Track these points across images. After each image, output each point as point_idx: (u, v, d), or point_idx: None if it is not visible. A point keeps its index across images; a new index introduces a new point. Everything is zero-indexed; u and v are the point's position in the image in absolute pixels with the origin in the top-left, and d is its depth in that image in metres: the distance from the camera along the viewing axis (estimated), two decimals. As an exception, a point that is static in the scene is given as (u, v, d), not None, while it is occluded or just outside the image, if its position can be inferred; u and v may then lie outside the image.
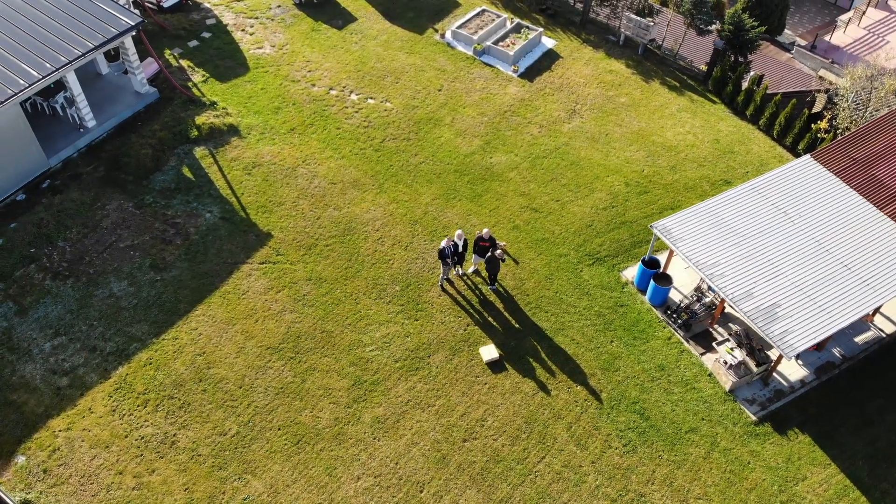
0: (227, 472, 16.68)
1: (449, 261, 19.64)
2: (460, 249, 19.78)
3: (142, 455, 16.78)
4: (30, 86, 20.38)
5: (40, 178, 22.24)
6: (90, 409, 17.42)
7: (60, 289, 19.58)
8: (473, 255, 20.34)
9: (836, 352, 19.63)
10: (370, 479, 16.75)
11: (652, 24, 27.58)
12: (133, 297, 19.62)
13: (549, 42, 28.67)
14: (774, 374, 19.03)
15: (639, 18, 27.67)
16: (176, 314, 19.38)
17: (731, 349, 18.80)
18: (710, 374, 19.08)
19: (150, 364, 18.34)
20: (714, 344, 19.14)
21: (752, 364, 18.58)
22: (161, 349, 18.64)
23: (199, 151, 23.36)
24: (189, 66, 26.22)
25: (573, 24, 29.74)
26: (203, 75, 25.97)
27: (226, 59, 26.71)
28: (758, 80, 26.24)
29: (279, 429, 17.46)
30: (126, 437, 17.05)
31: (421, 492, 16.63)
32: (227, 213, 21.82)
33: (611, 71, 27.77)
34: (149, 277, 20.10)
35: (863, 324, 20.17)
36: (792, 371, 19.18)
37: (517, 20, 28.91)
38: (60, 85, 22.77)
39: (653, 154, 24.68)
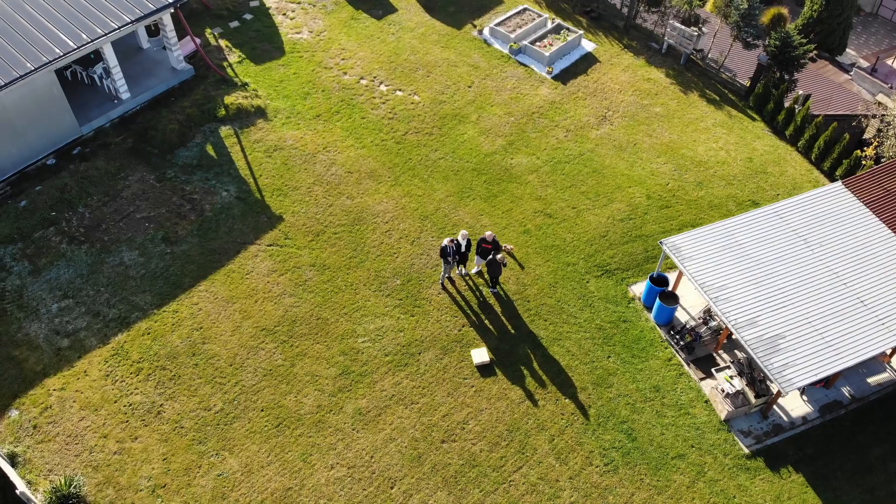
0: (206, 446, 16.99)
1: (450, 259, 19.49)
2: (463, 249, 19.59)
3: (127, 421, 17.23)
4: (64, 55, 21.07)
5: (72, 145, 23.02)
6: (86, 371, 17.98)
7: (75, 253, 20.26)
8: (476, 257, 20.13)
9: (846, 391, 18.66)
10: (343, 470, 16.80)
11: (696, 33, 26.66)
12: (141, 268, 20.14)
13: (588, 45, 28.06)
14: (775, 407, 18.23)
15: (683, 27, 26.80)
16: (180, 287, 19.81)
17: (731, 377, 18.08)
18: (706, 401, 18.40)
19: (148, 334, 18.81)
20: (713, 370, 18.45)
21: (750, 395, 17.83)
22: (160, 320, 19.09)
23: (225, 130, 23.78)
24: (227, 46, 26.71)
25: (616, 28, 29.02)
26: (239, 56, 26.41)
27: (263, 41, 27.09)
28: (802, 99, 25.10)
29: (262, 410, 17.67)
30: (115, 402, 17.54)
31: (392, 488, 16.59)
32: (243, 193, 22.16)
33: (649, 79, 27.00)
34: (159, 250, 20.59)
35: (878, 364, 19.12)
36: (795, 406, 18.33)
37: (558, 21, 28.39)
38: (101, 56, 23.49)
39: (680, 168, 23.91)
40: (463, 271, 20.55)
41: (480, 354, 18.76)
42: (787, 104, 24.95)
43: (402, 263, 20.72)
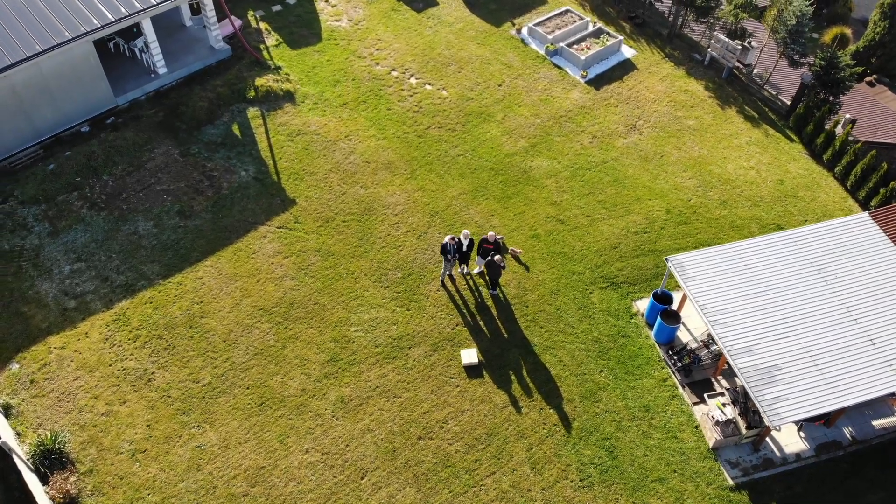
0: (189, 417, 17.39)
1: (449, 257, 19.39)
2: (464, 248, 19.45)
3: (118, 385, 17.79)
4: (102, 27, 21.82)
5: (106, 114, 23.84)
6: (87, 333, 18.64)
7: (93, 219, 20.99)
8: (478, 257, 19.96)
9: (847, 432, 17.76)
10: (317, 455, 16.94)
11: (740, 47, 25.71)
12: (154, 238, 20.73)
13: (628, 52, 27.42)
14: (769, 440, 17.49)
15: (726, 40, 25.89)
16: (187, 261, 20.31)
17: (724, 405, 17.44)
18: (696, 426, 17.80)
19: (151, 303, 19.35)
20: (706, 395, 17.83)
21: (742, 425, 17.16)
22: (164, 291, 19.61)
23: (252, 112, 24.22)
24: (266, 29, 27.18)
25: (660, 36, 28.26)
26: (277, 40, 26.84)
27: (302, 27, 27.45)
28: (847, 124, 23.94)
29: (248, 388, 17.97)
30: (110, 365, 18.13)
31: (362, 478, 16.65)
32: (261, 174, 22.53)
33: (686, 91, 26.21)
34: (173, 222, 21.14)
35: (886, 407, 18.12)
36: (790, 442, 17.55)
37: (599, 25, 27.83)
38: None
39: (705, 184, 23.14)
40: (465, 270, 20.42)
41: (470, 355, 18.61)
42: (827, 127, 23.82)
43: (405, 257, 20.72)
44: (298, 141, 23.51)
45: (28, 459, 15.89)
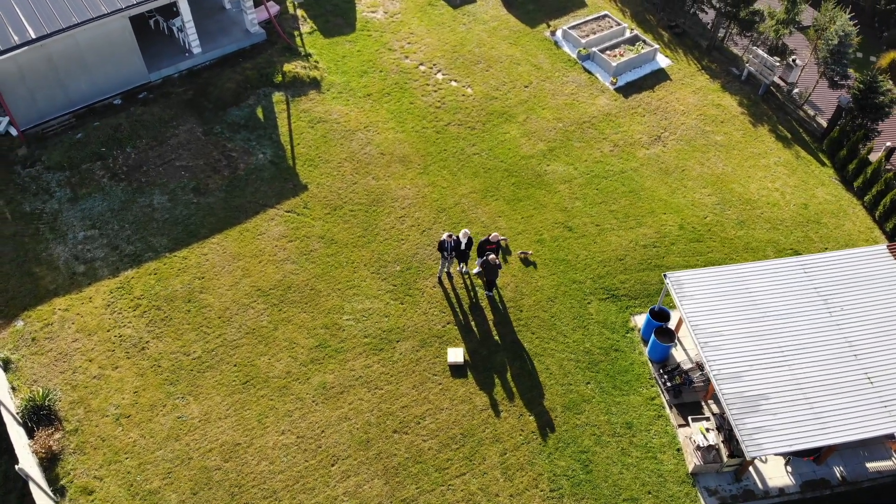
0: (175, 388, 17.86)
1: (446, 254, 19.35)
2: (462, 247, 19.37)
3: (113, 351, 18.40)
4: (137, 4, 22.49)
5: (139, 89, 24.61)
6: (91, 298, 19.32)
7: (112, 189, 21.73)
8: (478, 257, 19.84)
9: (838, 471, 16.99)
10: (293, 438, 17.18)
11: (778, 63, 24.80)
12: (167, 212, 21.32)
13: (663, 61, 26.77)
14: (752, 472, 16.90)
15: (765, 55, 25.01)
16: (195, 237, 20.82)
17: (707, 430, 16.93)
18: (678, 449, 17.33)
19: (155, 274, 19.93)
20: (690, 418, 17.33)
21: (724, 452, 16.63)
22: (169, 264, 20.17)
23: (277, 96, 24.64)
24: (303, 16, 27.57)
25: (699, 48, 27.49)
26: (311, 27, 27.21)
27: (338, 16, 27.75)
28: (887, 152, 22.83)
29: (235, 365, 18.33)
30: (108, 331, 18.76)
31: (332, 465, 16.80)
32: (277, 158, 22.91)
33: (719, 105, 25.44)
34: (187, 198, 21.70)
35: (883, 450, 17.26)
36: (775, 475, 16.91)
37: (636, 32, 27.25)
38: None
39: (724, 202, 22.44)
40: (464, 269, 20.35)
41: (456, 354, 18.55)
42: (861, 153, 22.78)
43: (406, 251, 20.77)
44: (318, 128, 23.80)
45: (17, 413, 16.61)
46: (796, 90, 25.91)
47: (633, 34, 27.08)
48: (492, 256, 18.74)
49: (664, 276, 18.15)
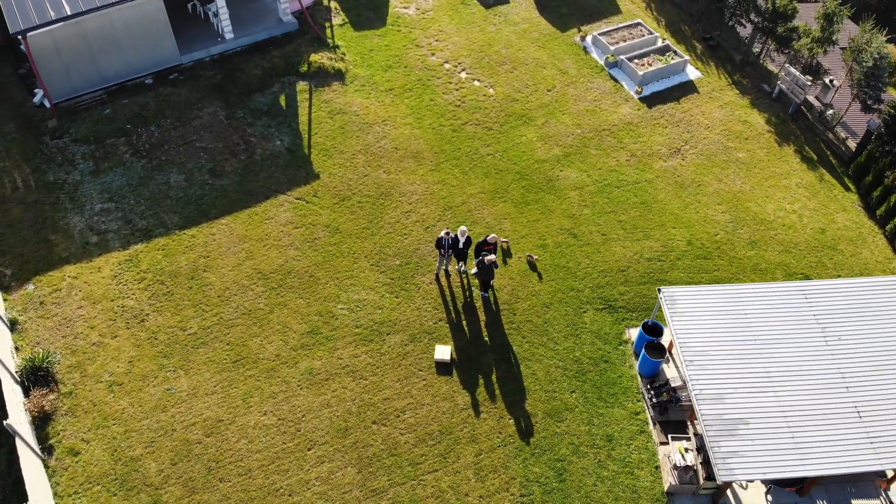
0: (168, 361, 18.41)
1: (443, 252, 19.43)
2: (460, 246, 19.43)
3: (114, 320, 19.07)
4: (170, -12, 23.27)
5: (170, 70, 25.40)
6: (99, 268, 20.06)
7: (133, 164, 22.48)
8: (476, 258, 19.85)
9: (820, 505, 16.50)
10: (274, 419, 17.53)
11: (810, 83, 24.06)
12: (182, 191, 21.96)
13: (693, 73, 26.26)
14: (730, 496, 16.50)
15: (797, 73, 24.29)
16: (205, 217, 21.39)
17: (686, 449, 16.61)
18: (657, 467, 17.04)
19: (163, 250, 20.56)
20: (670, 436, 17.02)
21: (702, 474, 16.29)
22: (177, 241, 20.77)
23: (301, 85, 25.09)
24: (335, 8, 27.99)
25: (731, 62, 26.87)
26: (343, 20, 27.60)
27: (370, 10, 28.07)
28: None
29: (228, 344, 18.79)
30: (112, 300, 19.45)
31: (309, 449, 17.08)
32: (294, 146, 23.34)
33: (745, 122, 24.84)
34: (202, 179, 22.31)
35: (871, 487, 16.61)
36: (753, 503, 16.49)
37: (668, 42, 26.79)
38: (214, -5, 25.63)
39: (738, 221, 21.92)
40: (462, 268, 20.40)
41: (443, 351, 18.62)
42: (887, 180, 21.94)
43: (408, 245, 20.93)
44: (337, 119, 24.15)
45: (16, 372, 17.39)
46: (830, 111, 25.09)
47: (665, 44, 26.63)
48: (489, 257, 18.73)
49: (658, 290, 17.85)
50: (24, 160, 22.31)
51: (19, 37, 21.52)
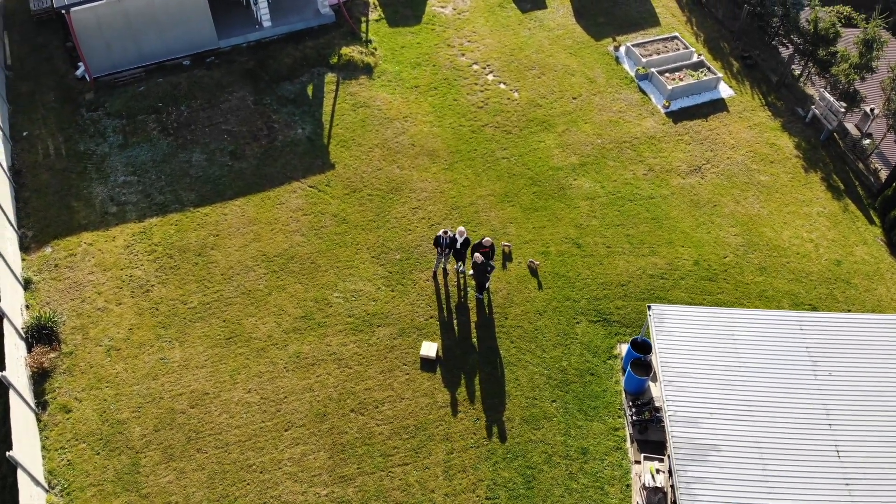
0: (165, 332, 19.11)
1: (440, 250, 19.57)
2: (458, 246, 19.53)
3: (121, 288, 19.90)
4: (210, -26, 24.07)
5: (208, 53, 26.27)
6: (114, 237, 20.95)
7: (160, 141, 23.37)
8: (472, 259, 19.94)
9: (792, 543, 15.96)
10: (256, 397, 18.00)
11: (843, 110, 23.22)
12: (201, 170, 22.72)
13: (725, 91, 25.66)
14: (699, 523, 16.17)
15: (831, 99, 23.47)
16: (220, 197, 22.08)
17: (658, 471, 16.35)
18: (628, 485, 16.82)
19: (176, 225, 21.32)
20: (643, 455, 16.76)
21: (670, 498, 16.00)
22: (190, 218, 21.51)
23: (329, 77, 25.59)
24: (373, 4, 28.42)
25: (768, 82, 26.13)
26: (379, 15, 28.01)
27: (407, 7, 28.40)
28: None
29: (224, 321, 19.38)
30: (122, 269, 20.29)
31: (285, 431, 17.49)
32: (314, 135, 23.85)
33: (773, 144, 24.15)
34: (223, 160, 23.02)
35: (848, 532, 16.02)
36: (723, 532, 16.10)
37: (703, 58, 26.24)
38: (254, -16, 26.39)
39: (750, 244, 21.36)
40: (461, 268, 20.50)
41: (430, 348, 18.78)
42: (913, 216, 21.05)
43: (410, 241, 21.15)
44: (360, 112, 24.56)
45: (22, 328, 18.34)
46: (867, 140, 24.18)
47: (699, 59, 26.10)
48: (481, 259, 18.76)
49: (648, 307, 17.60)
50: (59, 129, 23.46)
51: (63, 11, 22.65)
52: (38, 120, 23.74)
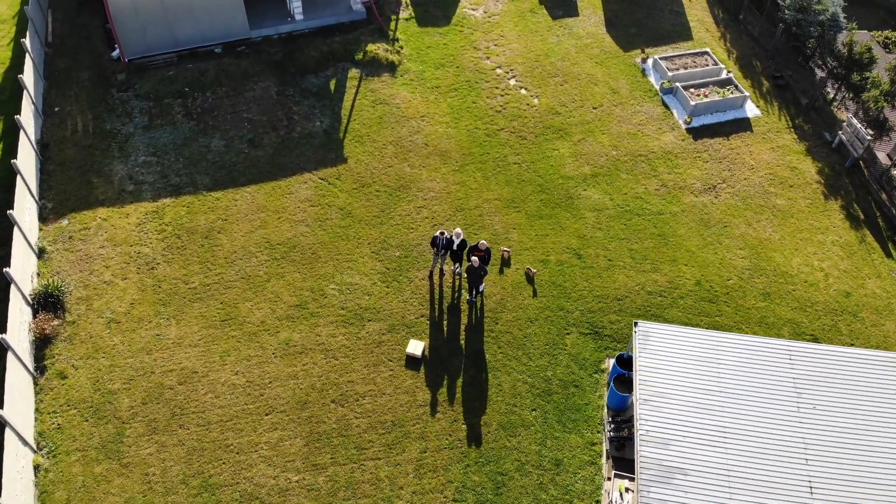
0: (165, 309, 19.73)
1: (436, 250, 19.68)
2: (454, 247, 19.61)
3: (128, 264, 20.62)
4: (243, -34, 24.69)
5: (239, 42, 26.95)
6: (128, 214, 21.72)
7: (182, 125, 24.10)
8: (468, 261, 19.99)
9: (759, 576, 15.54)
10: (243, 380, 18.44)
11: (870, 137, 22.43)
12: (218, 156, 23.35)
13: (751, 110, 25.07)
14: (665, 547, 15.89)
15: (858, 125, 22.69)
16: (234, 183, 22.66)
17: (626, 489, 16.13)
18: (598, 502, 16.64)
19: (187, 207, 21.98)
20: (614, 472, 16.55)
21: (637, 517, 15.78)
22: (202, 201, 22.14)
23: (353, 72, 25.96)
24: (405, 3, 28.69)
25: (797, 104, 25.41)
26: (409, 14, 28.27)
27: (438, 8, 28.58)
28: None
29: (221, 303, 19.90)
30: (131, 245, 21.02)
31: (266, 415, 17.87)
32: (331, 129, 24.25)
33: (794, 168, 23.49)
34: (240, 147, 23.61)
35: (818, 571, 15.52)
36: (689, 558, 15.79)
37: (731, 75, 25.67)
38: (289, -23, 26.95)
39: (756, 269, 20.84)
40: (458, 270, 20.57)
41: (416, 347, 18.92)
42: (932, 252, 20.21)
43: (411, 240, 21.33)
44: (378, 109, 24.85)
45: (29, 295, 19.19)
46: (888, 171, 23.31)
47: (727, 77, 25.55)
48: (477, 262, 18.78)
49: (634, 323, 17.38)
50: (90, 107, 24.42)
51: (100, -5, 23.60)
52: (70, 97, 24.77)
